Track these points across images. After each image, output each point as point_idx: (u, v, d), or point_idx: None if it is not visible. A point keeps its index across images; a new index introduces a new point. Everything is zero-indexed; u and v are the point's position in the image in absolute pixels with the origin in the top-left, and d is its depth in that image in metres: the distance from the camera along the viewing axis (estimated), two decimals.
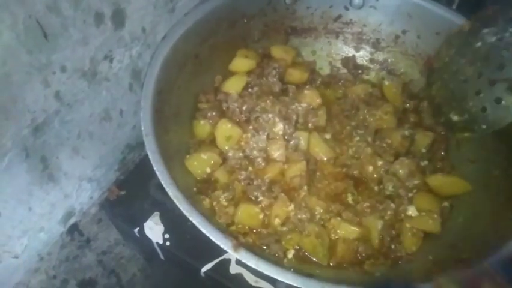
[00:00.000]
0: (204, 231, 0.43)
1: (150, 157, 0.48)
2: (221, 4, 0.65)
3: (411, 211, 0.55)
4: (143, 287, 0.74)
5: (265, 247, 0.52)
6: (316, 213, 0.56)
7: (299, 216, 0.54)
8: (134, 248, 0.75)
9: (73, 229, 0.73)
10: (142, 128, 0.52)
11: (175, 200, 0.45)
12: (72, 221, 0.72)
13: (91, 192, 0.73)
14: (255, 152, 0.60)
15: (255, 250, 0.44)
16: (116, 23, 0.63)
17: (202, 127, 0.65)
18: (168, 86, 0.58)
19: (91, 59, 0.61)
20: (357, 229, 0.55)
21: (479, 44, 0.53)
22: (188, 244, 0.61)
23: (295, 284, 0.39)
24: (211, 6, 0.64)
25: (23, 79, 0.53)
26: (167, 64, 0.58)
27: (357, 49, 0.76)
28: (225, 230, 0.51)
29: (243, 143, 0.62)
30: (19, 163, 0.57)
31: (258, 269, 0.40)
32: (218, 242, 0.42)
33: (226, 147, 0.62)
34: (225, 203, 0.56)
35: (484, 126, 0.51)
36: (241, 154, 0.61)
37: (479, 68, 0.53)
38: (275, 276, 0.40)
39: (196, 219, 0.44)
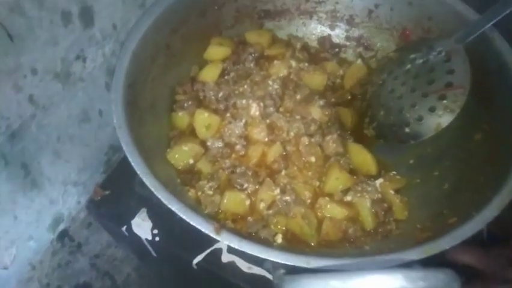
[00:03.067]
0: (184, 217, 0.42)
1: (124, 149, 0.47)
2: None
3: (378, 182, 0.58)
4: (139, 286, 0.74)
5: (253, 234, 0.52)
6: (302, 195, 0.56)
7: (284, 199, 0.54)
8: (126, 249, 0.75)
9: (63, 235, 0.73)
10: (114, 121, 0.51)
11: (152, 189, 0.45)
12: (61, 227, 0.72)
13: (77, 197, 0.73)
14: (233, 139, 0.60)
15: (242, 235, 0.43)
16: (85, 21, 0.62)
17: (181, 118, 0.65)
18: (140, 78, 0.57)
19: (63, 60, 0.61)
20: (345, 209, 0.55)
21: (409, 66, 0.62)
22: (177, 238, 0.61)
23: (279, 261, 0.38)
24: None
25: None
26: (137, 56, 0.57)
27: (332, 27, 0.76)
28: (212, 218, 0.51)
29: (222, 131, 0.62)
30: None
31: (241, 249, 0.40)
32: (199, 227, 0.41)
33: (206, 136, 0.62)
34: (210, 192, 0.55)
35: (427, 132, 0.58)
36: (221, 143, 0.60)
37: (411, 85, 0.60)
38: (259, 255, 0.39)
39: (175, 206, 0.43)
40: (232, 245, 0.40)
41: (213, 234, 0.40)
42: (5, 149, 0.56)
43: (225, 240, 0.40)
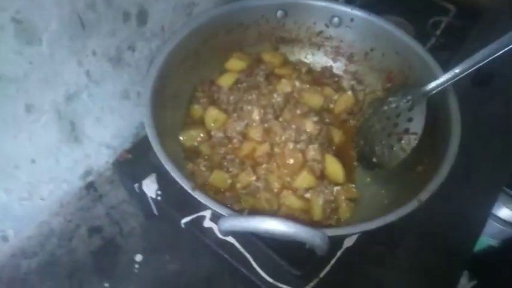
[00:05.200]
0: (169, 169, 0.53)
1: (145, 122, 0.57)
2: (221, 13, 0.74)
3: (336, 188, 0.67)
4: (140, 237, 0.82)
5: (228, 206, 0.63)
6: (271, 185, 0.67)
7: (256, 184, 0.66)
8: (136, 206, 0.84)
9: (90, 186, 0.81)
10: (142, 101, 0.61)
11: (159, 156, 0.55)
12: (90, 178, 0.80)
13: (107, 157, 0.81)
14: (233, 134, 0.71)
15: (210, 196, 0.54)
16: (140, 21, 0.70)
17: (196, 110, 0.75)
18: (169, 73, 0.67)
19: (117, 48, 0.69)
20: (301, 202, 0.65)
21: (385, 108, 0.70)
22: (174, 200, 0.71)
23: (233, 223, 0.48)
24: (213, 13, 0.73)
25: (64, 58, 0.61)
26: (171, 56, 0.67)
27: (334, 60, 0.84)
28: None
29: (226, 126, 0.73)
30: (53, 123, 0.65)
31: (209, 206, 0.51)
32: (180, 181, 0.52)
33: (212, 128, 0.73)
34: (203, 169, 0.67)
35: (387, 165, 0.67)
36: (222, 134, 0.71)
37: (383, 124, 0.70)
38: (222, 212, 0.51)
39: (165, 161, 0.54)
40: (202, 201, 0.52)
41: (190, 191, 0.52)
42: (61, 107, 0.65)
43: (198, 197, 0.52)
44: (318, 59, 0.85)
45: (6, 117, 0.59)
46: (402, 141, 0.65)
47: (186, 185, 0.53)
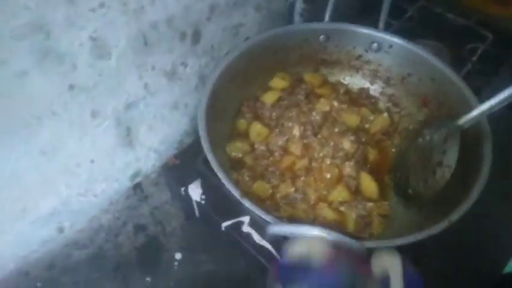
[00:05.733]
0: (220, 177, 0.57)
1: (200, 134, 0.62)
2: (268, 37, 0.78)
3: (369, 204, 0.70)
4: (181, 237, 0.87)
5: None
6: (309, 196, 0.72)
7: (294, 196, 0.71)
8: (178, 208, 0.88)
9: (137, 186, 0.84)
10: (198, 115, 0.65)
11: (212, 165, 0.59)
12: (137, 180, 0.83)
13: (154, 161, 0.84)
14: (275, 148, 0.76)
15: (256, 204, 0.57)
16: (194, 40, 0.73)
17: (241, 124, 0.80)
18: (221, 90, 0.72)
19: (172, 64, 0.72)
20: (336, 215, 0.68)
21: (420, 140, 0.71)
22: (217, 205, 0.74)
23: (281, 228, 0.53)
24: (261, 38, 0.77)
25: (127, 72, 0.65)
26: (223, 75, 0.71)
27: (372, 83, 0.86)
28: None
29: (268, 140, 0.77)
30: (112, 128, 0.69)
31: (255, 212, 0.56)
32: (230, 189, 0.56)
33: (256, 141, 0.77)
34: (247, 178, 0.72)
35: (422, 196, 0.67)
36: (264, 147, 0.76)
37: (418, 156, 0.70)
38: (267, 218, 0.55)
39: (217, 170, 0.59)
40: (248, 207, 0.56)
41: (238, 197, 0.57)
42: (120, 114, 0.69)
43: (246, 204, 0.56)
44: (356, 81, 0.88)
45: (74, 121, 0.63)
46: (437, 174, 0.65)
47: (235, 192, 0.58)
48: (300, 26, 0.82)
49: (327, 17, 0.80)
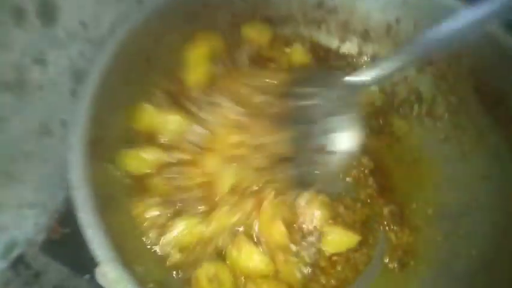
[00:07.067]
0: None
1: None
2: None
3: None
4: None
5: None
6: None
7: None
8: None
9: (18, 262, 0.66)
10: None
11: None
12: (16, 252, 0.66)
13: (35, 219, 0.67)
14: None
15: None
16: (45, 19, 0.56)
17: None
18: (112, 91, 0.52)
19: (16, 67, 0.54)
20: None
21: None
22: None
23: None
24: None
25: None
26: (113, 66, 0.52)
27: (342, 39, 0.69)
28: None
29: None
30: None
31: None
32: None
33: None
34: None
35: None
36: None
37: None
38: None
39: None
40: None
41: None
42: None
43: None
44: (321, 40, 0.71)
45: None
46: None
47: None
48: None
49: None
